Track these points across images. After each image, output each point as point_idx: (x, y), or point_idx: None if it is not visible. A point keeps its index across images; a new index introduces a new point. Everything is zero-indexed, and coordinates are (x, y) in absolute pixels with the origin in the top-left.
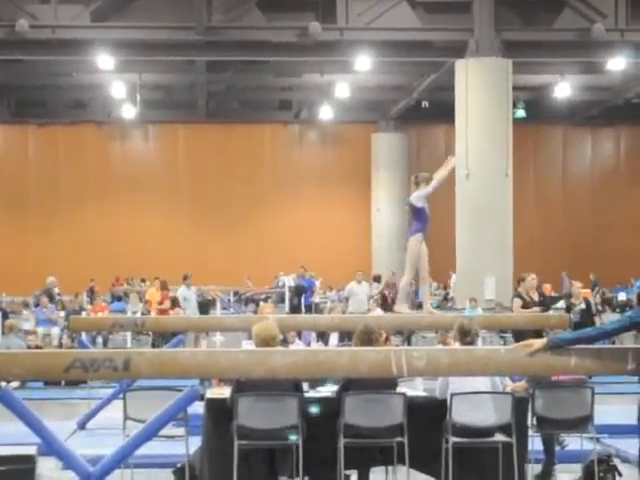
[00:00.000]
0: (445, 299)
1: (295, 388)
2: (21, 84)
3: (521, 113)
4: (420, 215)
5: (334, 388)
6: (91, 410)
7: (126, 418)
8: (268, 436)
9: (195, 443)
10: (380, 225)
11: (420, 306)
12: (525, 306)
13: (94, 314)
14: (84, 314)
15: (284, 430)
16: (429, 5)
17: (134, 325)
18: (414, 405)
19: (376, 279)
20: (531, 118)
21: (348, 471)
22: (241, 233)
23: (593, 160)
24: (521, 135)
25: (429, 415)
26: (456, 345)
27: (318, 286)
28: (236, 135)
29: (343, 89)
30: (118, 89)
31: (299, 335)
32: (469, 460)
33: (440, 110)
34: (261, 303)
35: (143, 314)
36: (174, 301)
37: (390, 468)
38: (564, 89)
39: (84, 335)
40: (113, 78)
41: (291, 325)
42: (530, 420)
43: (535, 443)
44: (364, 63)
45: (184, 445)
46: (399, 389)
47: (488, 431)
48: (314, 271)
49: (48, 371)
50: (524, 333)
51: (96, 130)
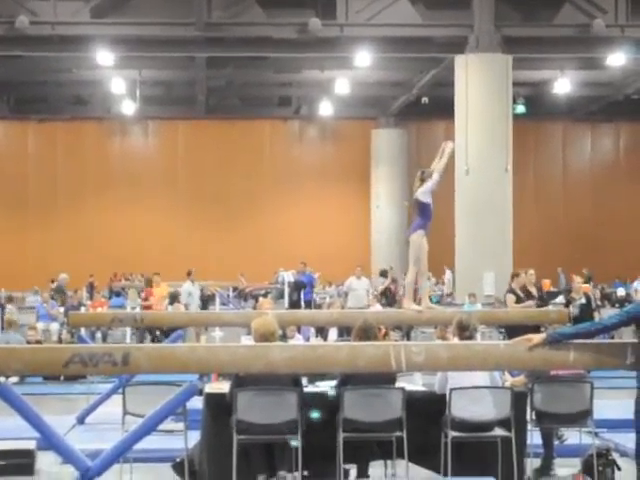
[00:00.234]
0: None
1: (294, 383)
2: (21, 80)
3: (521, 109)
4: (425, 211)
5: (333, 383)
6: (90, 405)
7: (125, 413)
8: (267, 431)
9: (194, 438)
10: (379, 221)
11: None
12: (519, 302)
13: (93, 309)
14: (83, 310)
15: (283, 425)
16: (429, 1)
17: (133, 320)
18: (413, 400)
19: (383, 274)
20: (531, 114)
21: (347, 465)
22: (240, 229)
23: (593, 156)
24: (521, 131)
25: (428, 410)
26: (455, 340)
27: (317, 282)
28: (236, 131)
29: (343, 85)
30: (118, 85)
31: (299, 330)
32: (468, 454)
33: (440, 106)
34: (260, 298)
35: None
36: (173, 297)
37: (389, 462)
38: (564, 85)
39: (83, 330)
40: (113, 74)
41: (290, 320)
42: (529, 414)
43: (534, 437)
44: (364, 59)
45: (183, 440)
46: (398, 384)
47: (487, 425)
48: (313, 267)
49: (47, 366)
50: (518, 329)
51: (96, 126)
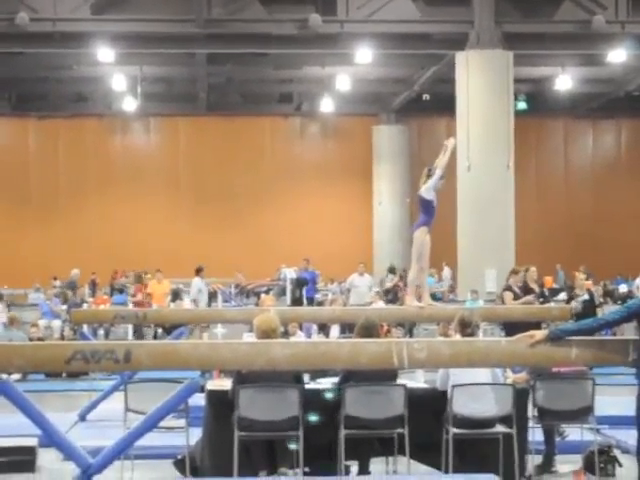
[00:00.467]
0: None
1: (296, 380)
2: (21, 77)
3: (522, 105)
4: (428, 207)
5: (334, 380)
6: (92, 402)
7: (127, 410)
8: (269, 428)
9: (196, 434)
10: (381, 217)
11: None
12: (516, 299)
13: (96, 307)
14: (85, 306)
15: (285, 422)
16: None
17: (135, 317)
18: (415, 396)
19: (391, 270)
20: (532, 110)
21: (348, 462)
22: (242, 226)
23: (594, 152)
24: (522, 127)
25: (430, 406)
26: (457, 337)
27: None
28: (237, 128)
29: (344, 82)
30: (119, 82)
31: (301, 327)
32: (470, 451)
33: (441, 103)
34: (262, 295)
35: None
36: (175, 294)
37: (390, 459)
38: (565, 81)
39: (85, 327)
40: (114, 71)
41: (292, 317)
42: (531, 411)
43: (536, 434)
44: (365, 55)
45: (185, 436)
46: (400, 381)
47: (489, 422)
48: (316, 263)
49: (49, 363)
50: (517, 326)
51: (97, 123)
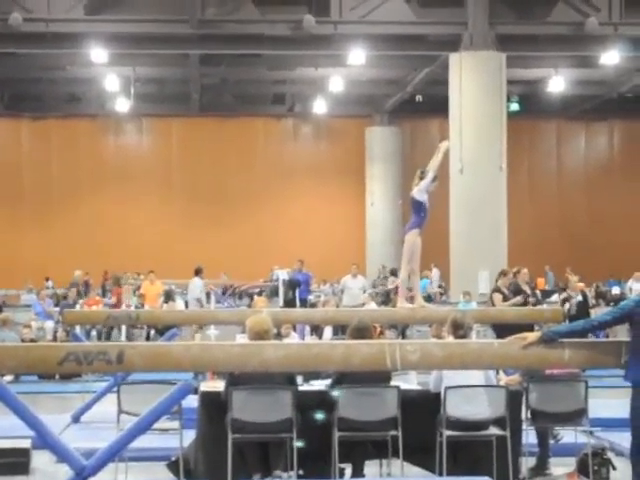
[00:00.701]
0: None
1: (289, 382)
2: (14, 77)
3: (515, 107)
4: (420, 209)
5: (328, 382)
6: (85, 404)
7: (120, 411)
8: (262, 429)
9: (189, 436)
10: (374, 218)
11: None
12: (505, 300)
13: (88, 307)
14: (78, 307)
15: (278, 424)
16: None
17: (128, 318)
18: (408, 398)
19: (393, 272)
20: (525, 112)
21: (342, 464)
22: (235, 227)
23: (587, 154)
24: (515, 129)
25: (423, 408)
26: (450, 339)
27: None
28: (230, 129)
29: (337, 83)
30: (112, 82)
31: (294, 328)
32: (463, 453)
33: (434, 104)
34: (255, 297)
35: (137, 307)
36: (168, 295)
37: (384, 461)
38: (558, 83)
39: (78, 328)
40: (107, 71)
41: (285, 319)
42: (524, 413)
43: (529, 436)
44: (358, 57)
45: (178, 438)
46: (393, 383)
47: (482, 424)
48: (308, 264)
49: (42, 364)
50: (507, 328)
51: (90, 123)
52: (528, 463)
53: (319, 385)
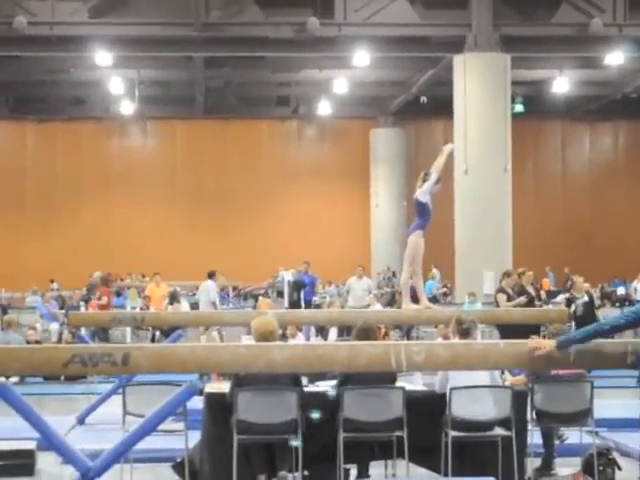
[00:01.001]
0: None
1: (294, 383)
2: (19, 80)
3: (519, 108)
4: (423, 211)
5: (333, 383)
6: (90, 405)
7: (125, 413)
8: (267, 431)
9: (194, 438)
10: (379, 220)
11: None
12: (509, 300)
13: (93, 309)
14: (83, 309)
15: (283, 425)
16: (427, 0)
17: (133, 320)
18: (413, 399)
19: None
20: (529, 113)
21: (348, 465)
22: (239, 228)
23: (591, 155)
24: (519, 130)
25: (428, 409)
26: (455, 339)
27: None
28: (234, 131)
29: (341, 85)
30: (116, 85)
31: (300, 329)
32: (468, 454)
33: (438, 105)
34: (260, 298)
35: (142, 309)
36: (173, 297)
37: (389, 462)
38: (562, 84)
39: (83, 330)
40: (111, 74)
41: (290, 320)
42: (529, 414)
43: (534, 437)
44: (362, 58)
45: (183, 440)
46: (398, 383)
47: (487, 425)
48: (313, 266)
49: (47, 366)
50: (511, 328)
51: (94, 126)
52: (533, 463)
53: (324, 386)
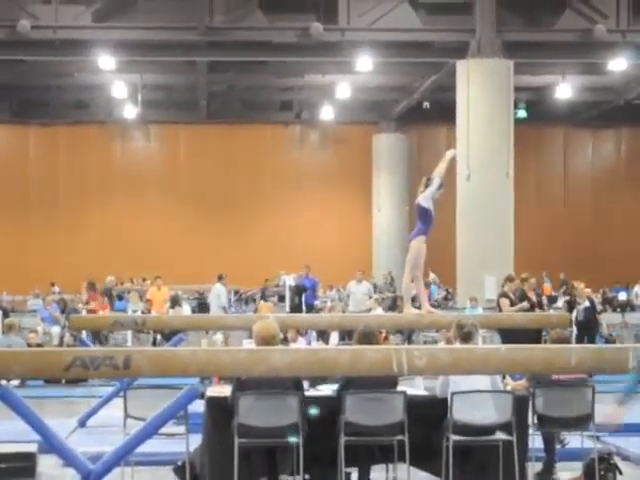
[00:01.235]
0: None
1: (295, 386)
2: (22, 84)
3: (522, 114)
4: (426, 216)
5: (334, 387)
6: (92, 408)
7: (126, 416)
8: (269, 434)
9: (195, 441)
10: (381, 225)
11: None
12: (512, 305)
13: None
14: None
15: (285, 428)
16: (431, 6)
17: (134, 324)
18: (414, 403)
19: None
20: (532, 119)
21: (349, 469)
22: (242, 233)
23: (594, 161)
24: (522, 136)
25: (430, 413)
26: (456, 344)
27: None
28: (237, 136)
29: (344, 90)
30: (119, 89)
31: (301, 334)
32: (470, 458)
33: (441, 111)
34: (261, 302)
35: (143, 313)
36: (174, 301)
37: (390, 466)
38: (565, 90)
39: (84, 334)
40: (114, 78)
41: (291, 324)
42: (531, 418)
43: (536, 441)
44: (365, 64)
45: (184, 443)
46: (399, 388)
47: (489, 429)
48: (315, 270)
49: (49, 369)
50: (514, 333)
51: (97, 130)
52: (534, 468)
53: (326, 390)
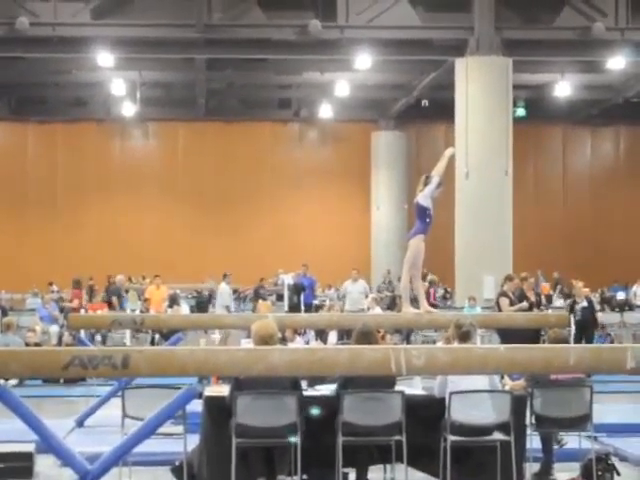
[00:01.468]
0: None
1: (294, 386)
2: (21, 81)
3: (521, 112)
4: (424, 215)
5: (333, 387)
6: (89, 408)
7: (124, 416)
8: (267, 434)
9: (193, 441)
10: (380, 223)
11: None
12: (512, 305)
13: (93, 312)
14: (83, 312)
15: (283, 428)
16: (429, 3)
17: (133, 323)
18: (412, 403)
19: (423, 277)
20: (531, 117)
21: (346, 469)
22: (240, 231)
23: (593, 159)
24: (521, 134)
25: (427, 413)
26: (455, 343)
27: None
28: (235, 133)
29: (343, 87)
30: (118, 87)
31: (299, 333)
32: (467, 459)
33: (440, 109)
34: (260, 301)
35: (142, 312)
36: (173, 299)
37: (388, 466)
38: (564, 88)
39: (83, 333)
40: (113, 76)
41: (290, 324)
42: (529, 419)
43: (533, 442)
44: (364, 61)
45: (182, 443)
46: (397, 387)
47: (486, 430)
48: (314, 269)
49: (47, 368)
50: (512, 333)
51: (96, 128)
52: (532, 468)
53: (324, 390)
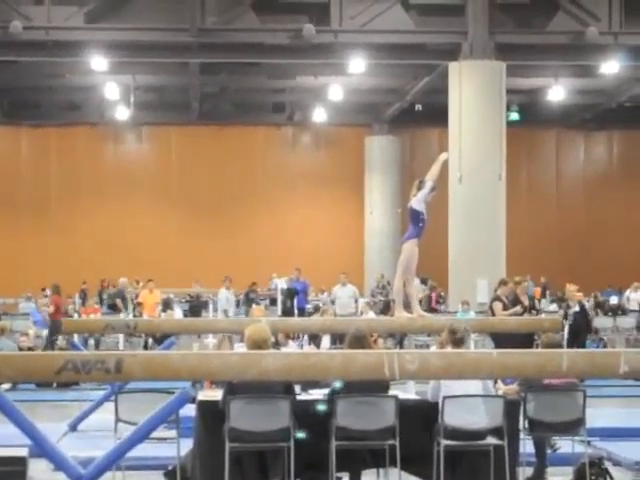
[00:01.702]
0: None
1: (287, 391)
2: (14, 85)
3: (514, 116)
4: (418, 219)
5: (326, 391)
6: (83, 412)
7: (118, 420)
8: (260, 438)
9: (186, 445)
10: (373, 227)
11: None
12: (505, 309)
13: (86, 316)
14: (76, 316)
15: (276, 433)
16: (423, 8)
17: (126, 327)
18: (406, 408)
19: (423, 281)
20: (524, 121)
21: (340, 474)
22: (234, 235)
23: (586, 163)
24: (514, 138)
25: (421, 418)
26: (448, 347)
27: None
28: (229, 137)
29: (337, 92)
30: (111, 91)
31: (292, 337)
32: (461, 463)
33: (433, 113)
34: (253, 306)
35: (135, 316)
36: (166, 304)
37: (382, 471)
38: (557, 92)
39: (76, 337)
40: (106, 80)
41: (283, 328)
42: (522, 423)
43: (527, 446)
44: (358, 66)
45: (175, 447)
46: (391, 392)
47: (480, 434)
48: (307, 273)
49: (40, 373)
50: (506, 337)
51: (89, 132)
52: (525, 473)
53: (317, 394)
